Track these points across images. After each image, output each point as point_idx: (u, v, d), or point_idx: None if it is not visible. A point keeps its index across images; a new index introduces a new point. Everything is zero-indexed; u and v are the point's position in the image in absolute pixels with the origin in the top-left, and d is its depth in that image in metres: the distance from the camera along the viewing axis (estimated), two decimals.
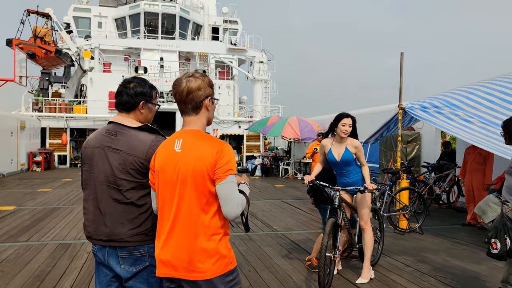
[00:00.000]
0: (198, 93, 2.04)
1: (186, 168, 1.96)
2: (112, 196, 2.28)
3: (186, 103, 2.05)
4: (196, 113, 2.07)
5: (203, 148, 1.96)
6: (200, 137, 2.02)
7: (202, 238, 1.95)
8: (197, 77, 2.07)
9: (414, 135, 11.28)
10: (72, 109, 22.18)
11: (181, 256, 1.96)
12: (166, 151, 2.05)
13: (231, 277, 2.01)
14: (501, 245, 3.67)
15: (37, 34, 22.90)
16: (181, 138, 2.04)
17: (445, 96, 6.12)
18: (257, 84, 25.74)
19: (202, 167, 1.94)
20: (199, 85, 2.05)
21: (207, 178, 1.94)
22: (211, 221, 1.96)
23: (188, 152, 1.98)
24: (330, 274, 4.41)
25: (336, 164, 4.71)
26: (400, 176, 7.69)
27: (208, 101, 2.08)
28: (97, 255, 2.35)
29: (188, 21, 28.07)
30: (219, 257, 1.97)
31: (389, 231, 7.16)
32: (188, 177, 1.95)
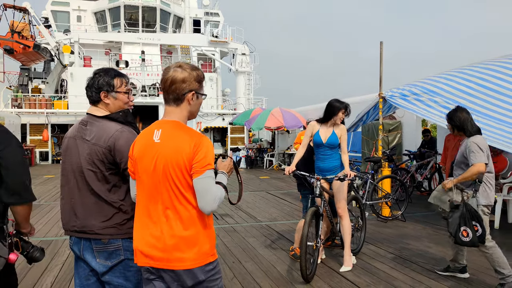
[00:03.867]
0: (181, 85, 2.00)
1: (164, 159, 1.94)
2: (82, 187, 2.26)
3: (168, 93, 2.02)
4: (177, 104, 2.03)
5: (181, 140, 1.94)
6: (179, 129, 2.00)
7: (181, 228, 1.93)
8: (185, 68, 2.02)
9: (395, 123, 11.40)
10: (53, 104, 21.79)
11: (159, 246, 1.94)
12: (145, 141, 2.03)
13: (211, 267, 2.01)
14: (472, 232, 3.81)
15: (15, 29, 22.35)
16: (160, 129, 2.01)
17: (424, 83, 6.18)
18: (240, 76, 25.62)
19: (179, 159, 1.92)
20: (185, 77, 2.01)
21: (184, 170, 1.93)
22: (190, 211, 1.94)
23: (166, 143, 1.96)
24: (314, 263, 4.44)
25: (320, 146, 4.73)
26: (382, 165, 7.77)
27: (191, 95, 2.03)
28: (73, 250, 2.33)
29: (169, 13, 27.72)
30: (199, 247, 1.95)
31: (372, 219, 7.24)
32: (166, 168, 1.94)
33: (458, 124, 4.21)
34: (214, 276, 2.02)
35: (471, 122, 4.19)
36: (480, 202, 4.04)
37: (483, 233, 3.86)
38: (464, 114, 4.21)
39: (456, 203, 3.97)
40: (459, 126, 4.21)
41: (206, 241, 1.99)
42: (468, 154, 3.99)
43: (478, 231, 3.84)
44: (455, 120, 4.23)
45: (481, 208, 4.04)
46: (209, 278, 1.99)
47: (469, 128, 4.15)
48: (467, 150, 4.02)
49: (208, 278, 1.99)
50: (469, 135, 4.14)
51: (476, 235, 3.83)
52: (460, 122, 4.18)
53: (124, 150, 2.21)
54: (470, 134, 4.14)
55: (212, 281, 2.01)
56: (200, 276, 1.96)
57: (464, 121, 4.17)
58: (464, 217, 3.88)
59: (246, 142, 23.09)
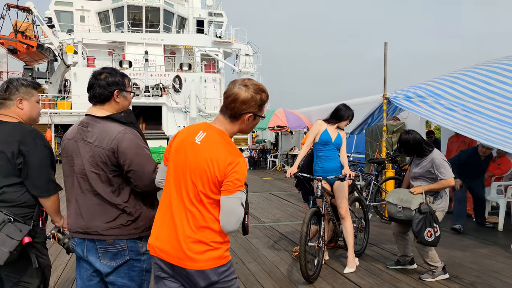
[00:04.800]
0: (241, 106, 1.97)
1: (198, 163, 1.93)
2: (86, 189, 2.25)
3: (226, 107, 2.00)
4: (232, 120, 2.01)
5: (220, 153, 1.92)
6: (222, 141, 1.97)
7: (197, 229, 1.93)
8: (250, 89, 1.98)
9: (399, 125, 11.35)
10: (56, 104, 21.84)
11: (174, 243, 1.94)
12: (187, 137, 2.02)
13: (225, 268, 1.99)
14: (433, 232, 4.21)
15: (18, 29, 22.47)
16: (205, 132, 2.00)
17: (428, 86, 6.14)
18: (244, 77, 25.58)
19: (212, 169, 1.90)
20: (247, 99, 1.97)
21: (211, 182, 1.91)
22: (208, 216, 1.94)
23: (205, 148, 1.94)
24: (318, 264, 4.43)
25: (327, 145, 4.72)
26: (386, 166, 7.74)
27: (247, 116, 2.00)
28: (76, 250, 2.32)
29: (173, 14, 27.77)
30: (212, 250, 1.94)
31: (375, 221, 7.21)
32: (195, 172, 1.93)
33: (416, 147, 4.48)
34: (228, 277, 2.00)
35: (424, 140, 4.52)
36: (439, 208, 4.41)
37: (440, 235, 4.27)
38: (415, 135, 4.49)
39: (425, 207, 4.27)
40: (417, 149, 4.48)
41: (220, 244, 1.97)
42: (438, 169, 4.33)
43: (437, 232, 4.24)
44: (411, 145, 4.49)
45: (438, 214, 4.39)
46: (222, 279, 1.97)
47: (425, 147, 4.47)
48: (435, 166, 4.35)
49: (221, 279, 1.97)
50: (429, 152, 4.43)
51: (436, 236, 4.22)
52: (415, 144, 4.46)
53: (128, 152, 2.20)
54: (429, 151, 4.44)
55: (226, 282, 1.99)
56: (213, 277, 1.95)
57: (419, 142, 4.46)
58: (429, 220, 4.22)
59: (249, 143, 23.09)
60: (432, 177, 4.41)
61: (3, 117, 2.56)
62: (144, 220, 2.31)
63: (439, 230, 4.25)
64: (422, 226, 4.19)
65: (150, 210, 2.36)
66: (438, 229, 4.24)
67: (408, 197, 4.40)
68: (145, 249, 2.35)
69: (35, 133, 2.55)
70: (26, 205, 2.54)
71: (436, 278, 4.32)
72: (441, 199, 4.44)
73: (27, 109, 2.62)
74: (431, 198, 4.42)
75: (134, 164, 2.21)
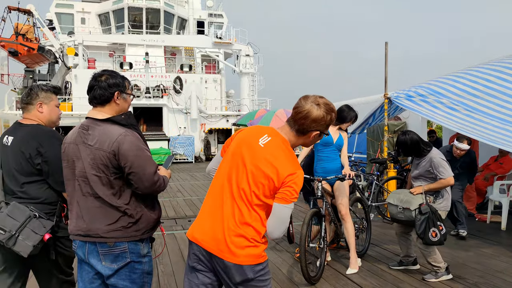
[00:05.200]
0: (311, 124, 2.02)
1: (258, 164, 1.98)
2: (87, 191, 2.24)
3: (295, 122, 2.05)
4: (298, 134, 2.06)
5: (283, 162, 1.97)
6: (286, 150, 2.02)
7: (242, 224, 1.96)
8: (322, 108, 2.02)
9: (400, 124, 11.31)
10: None
11: (219, 235, 1.97)
12: (251, 136, 2.07)
13: (261, 267, 2.01)
14: (439, 232, 4.16)
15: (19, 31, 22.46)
16: (270, 137, 2.04)
17: (430, 85, 6.13)
18: (244, 78, 25.64)
19: (271, 174, 1.95)
20: (318, 118, 2.02)
21: (267, 186, 1.96)
22: (255, 214, 1.98)
23: (268, 153, 1.99)
24: (320, 265, 4.42)
25: (329, 146, 4.71)
26: (388, 166, 7.72)
27: (314, 134, 2.06)
28: (77, 253, 2.32)
29: (173, 15, 27.78)
30: (253, 247, 1.97)
31: (378, 221, 7.19)
32: (255, 172, 1.98)
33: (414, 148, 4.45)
34: (263, 276, 2.02)
35: (421, 140, 4.49)
36: (441, 208, 4.36)
37: (446, 232, 4.22)
38: (412, 136, 4.46)
39: (425, 207, 4.24)
40: (415, 149, 4.45)
41: (260, 243, 2.00)
42: (436, 169, 4.31)
43: (443, 230, 4.19)
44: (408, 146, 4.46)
45: (440, 213, 4.35)
46: (258, 277, 1.99)
47: (423, 147, 4.45)
48: (433, 166, 4.33)
49: (257, 277, 1.99)
50: (427, 152, 4.42)
51: (442, 234, 4.17)
52: (413, 144, 4.43)
53: (129, 154, 2.19)
54: (428, 151, 4.43)
55: (261, 281, 2.01)
56: (249, 274, 1.96)
57: (417, 143, 4.43)
58: (432, 220, 4.19)
59: None
60: (432, 176, 4.40)
61: (25, 120, 2.79)
62: (145, 222, 2.30)
63: (444, 227, 4.21)
64: (426, 227, 4.16)
65: (151, 212, 2.35)
66: (443, 227, 4.21)
67: (408, 198, 4.39)
68: (146, 251, 2.34)
69: (52, 133, 2.75)
70: (48, 201, 2.69)
71: (439, 278, 4.29)
72: (442, 198, 4.42)
73: (46, 112, 2.82)
74: (432, 197, 4.40)
75: (135, 166, 2.20)
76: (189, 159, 22.13)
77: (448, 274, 4.33)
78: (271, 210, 2.00)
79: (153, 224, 2.37)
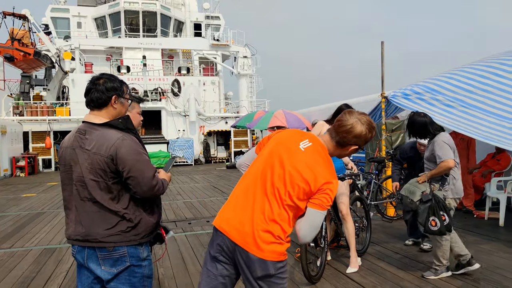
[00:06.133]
0: (352, 139, 2.10)
1: (297, 167, 2.03)
2: (85, 196, 2.23)
3: (337, 133, 2.12)
4: (338, 146, 2.14)
5: (322, 169, 2.03)
6: (325, 157, 2.09)
7: (270, 221, 2.01)
8: (365, 125, 2.10)
9: (398, 123, 11.34)
10: (55, 111, 21.83)
11: (247, 228, 2.01)
12: (293, 139, 2.13)
13: (282, 265, 2.06)
14: (439, 221, 4.05)
15: (15, 37, 22.42)
16: (311, 142, 2.11)
17: (426, 82, 6.15)
18: (242, 79, 25.64)
19: (309, 179, 2.00)
20: (360, 134, 2.10)
21: (303, 189, 2.01)
22: (287, 216, 2.03)
23: (309, 157, 2.05)
24: (321, 264, 4.42)
25: None
26: (386, 165, 7.74)
27: (353, 148, 2.15)
28: (76, 258, 2.31)
29: (170, 18, 27.78)
30: (279, 244, 2.01)
31: (377, 219, 7.20)
32: (293, 174, 2.02)
33: (419, 130, 4.40)
34: (283, 274, 2.07)
35: (431, 123, 4.39)
36: (448, 195, 4.28)
37: (450, 222, 4.10)
38: (421, 118, 4.39)
39: (426, 195, 4.15)
40: (421, 131, 4.40)
41: (285, 241, 2.04)
42: (436, 152, 4.21)
43: (446, 220, 4.07)
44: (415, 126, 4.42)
45: (449, 201, 4.26)
46: (278, 274, 2.04)
47: (431, 130, 4.36)
48: (434, 148, 4.25)
49: (277, 274, 2.03)
50: (432, 136, 4.35)
51: (443, 224, 4.06)
52: (420, 125, 4.37)
53: (127, 158, 2.19)
54: (433, 135, 4.34)
55: (280, 278, 2.06)
56: (271, 270, 2.00)
57: (424, 124, 4.37)
58: (433, 208, 4.11)
59: (249, 145, 23.09)
60: (435, 160, 4.28)
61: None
62: (144, 226, 2.30)
63: (448, 217, 4.08)
64: (426, 216, 4.09)
65: (150, 216, 2.35)
66: (447, 216, 4.08)
67: (413, 188, 4.30)
68: (146, 254, 2.35)
69: None
70: None
71: (438, 276, 4.29)
72: (448, 185, 4.26)
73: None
74: (437, 185, 4.26)
75: (133, 170, 2.20)
76: (189, 162, 22.13)
77: (447, 271, 4.34)
78: (299, 213, 2.07)
79: (152, 228, 2.37)
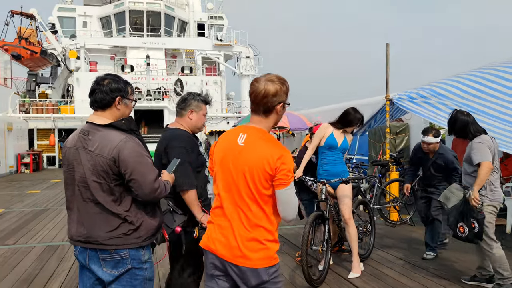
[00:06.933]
0: (273, 98, 2.08)
1: (247, 163, 2.03)
2: (87, 197, 2.22)
3: (259, 105, 2.10)
4: (266, 115, 2.12)
5: (267, 149, 2.02)
6: (265, 138, 2.09)
7: (250, 228, 2.02)
8: (276, 82, 2.10)
9: (402, 126, 11.30)
10: (60, 109, 21.92)
11: (228, 243, 2.04)
12: (228, 142, 2.14)
13: (275, 269, 2.07)
14: (468, 228, 3.87)
15: (22, 35, 22.59)
16: (246, 133, 2.10)
17: (432, 86, 6.10)
18: (245, 80, 25.64)
19: (263, 166, 2.00)
20: (277, 91, 2.08)
21: (263, 178, 2.01)
22: (261, 215, 2.04)
23: (250, 148, 2.05)
24: (324, 268, 4.39)
25: (333, 149, 4.67)
26: (390, 168, 7.69)
27: (280, 107, 2.12)
28: (78, 259, 2.31)
29: (173, 18, 27.84)
30: (266, 249, 2.03)
31: (380, 224, 7.15)
32: (246, 172, 2.03)
33: (460, 128, 4.12)
34: (277, 278, 2.08)
35: (473, 123, 4.08)
36: (484, 201, 3.96)
37: (480, 231, 3.84)
38: (464, 117, 4.11)
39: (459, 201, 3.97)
40: (461, 130, 4.12)
41: (272, 244, 2.06)
42: (472, 154, 3.94)
43: (475, 228, 3.85)
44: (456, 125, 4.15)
45: (486, 208, 3.97)
46: (272, 279, 2.05)
47: (471, 130, 4.05)
48: (471, 151, 3.97)
49: (271, 279, 2.05)
50: (471, 137, 4.05)
51: (472, 232, 3.86)
52: (461, 125, 4.10)
53: (129, 161, 2.18)
54: (474, 136, 4.04)
55: (275, 283, 2.07)
56: (264, 277, 2.02)
57: (465, 124, 4.08)
58: (462, 214, 3.94)
59: None
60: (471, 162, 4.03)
61: (173, 124, 3.18)
62: (145, 229, 2.29)
63: (479, 226, 3.81)
64: (454, 220, 3.92)
65: (152, 219, 2.33)
66: (477, 224, 3.81)
67: (449, 194, 4.09)
68: (147, 257, 2.33)
69: (183, 137, 3.01)
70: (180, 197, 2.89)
71: None
72: (485, 190, 3.95)
73: (194, 119, 3.12)
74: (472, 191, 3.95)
75: (135, 173, 2.18)
76: None
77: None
78: (274, 202, 2.06)
79: (154, 231, 2.35)
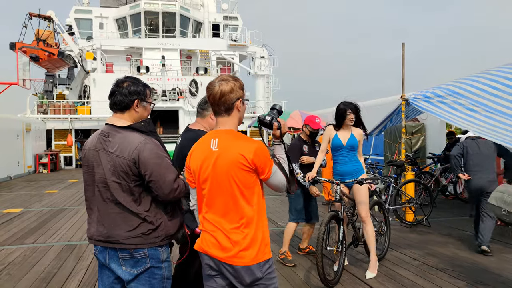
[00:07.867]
0: (230, 95, 2.16)
1: (225, 165, 2.08)
2: (107, 198, 2.27)
3: (219, 105, 2.17)
4: (229, 114, 2.19)
5: (240, 147, 2.08)
6: (235, 136, 2.15)
7: (240, 228, 2.08)
8: (229, 80, 2.18)
9: (418, 126, 11.19)
10: (76, 110, 22.26)
11: (224, 243, 2.08)
12: (202, 151, 2.18)
13: (268, 265, 2.12)
14: None
15: (40, 37, 22.99)
16: (216, 138, 2.15)
17: (448, 85, 6.02)
18: (259, 80, 25.66)
19: (241, 163, 2.05)
20: (231, 88, 2.16)
21: (246, 174, 2.07)
22: (248, 213, 2.08)
23: (225, 150, 2.10)
24: (339, 269, 4.39)
25: (339, 149, 4.68)
26: (405, 168, 7.62)
27: (239, 103, 2.20)
28: (98, 258, 2.35)
29: (188, 19, 27.99)
30: (257, 246, 2.08)
31: (396, 224, 7.10)
32: (227, 173, 2.07)
33: None
34: (271, 274, 2.13)
35: None
36: None
37: None
38: None
39: None
40: None
41: (263, 240, 2.11)
42: None
43: None
44: None
45: None
46: (266, 275, 2.10)
47: None
48: None
49: (265, 276, 2.09)
50: None
51: None
52: None
53: (149, 162, 2.22)
54: None
55: (269, 279, 2.12)
56: (258, 273, 2.07)
57: None
58: None
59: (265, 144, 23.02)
60: None
61: (194, 125, 3.21)
62: (165, 229, 2.33)
63: None
64: None
65: (171, 219, 2.37)
66: None
67: (510, 198, 3.97)
68: (166, 256, 2.37)
69: None
70: None
71: None
72: None
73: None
74: None
75: (155, 174, 2.23)
76: None
77: None
78: (261, 193, 2.15)
79: (173, 231, 2.39)
